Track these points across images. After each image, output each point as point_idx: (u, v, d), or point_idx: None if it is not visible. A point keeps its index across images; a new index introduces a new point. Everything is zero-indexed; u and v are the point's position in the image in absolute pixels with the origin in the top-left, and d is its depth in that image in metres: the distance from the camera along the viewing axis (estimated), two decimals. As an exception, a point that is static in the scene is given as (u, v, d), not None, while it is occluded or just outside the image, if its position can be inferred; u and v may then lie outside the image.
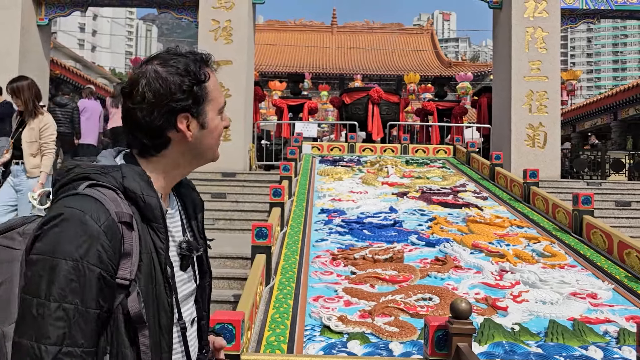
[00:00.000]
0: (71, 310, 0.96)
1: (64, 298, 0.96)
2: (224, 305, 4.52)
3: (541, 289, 3.88)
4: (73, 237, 0.99)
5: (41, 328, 0.95)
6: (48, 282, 0.97)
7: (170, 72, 1.14)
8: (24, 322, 0.97)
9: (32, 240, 1.02)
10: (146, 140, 1.16)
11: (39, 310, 0.96)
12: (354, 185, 7.25)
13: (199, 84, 1.17)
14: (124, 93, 1.16)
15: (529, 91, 10.56)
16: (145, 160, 1.18)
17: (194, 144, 1.19)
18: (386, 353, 2.97)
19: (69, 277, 0.97)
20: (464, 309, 2.23)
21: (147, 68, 1.15)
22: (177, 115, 1.15)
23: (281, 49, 37.39)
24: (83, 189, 1.07)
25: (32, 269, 0.99)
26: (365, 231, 5.27)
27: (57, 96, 10.29)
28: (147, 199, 1.10)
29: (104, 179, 1.09)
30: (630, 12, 11.28)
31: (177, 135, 1.16)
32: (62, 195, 1.07)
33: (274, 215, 5.03)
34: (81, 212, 1.02)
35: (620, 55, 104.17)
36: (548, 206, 6.04)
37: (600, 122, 22.55)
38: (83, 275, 0.98)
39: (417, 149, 9.99)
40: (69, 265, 0.98)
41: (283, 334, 3.16)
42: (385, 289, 3.93)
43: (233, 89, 10.56)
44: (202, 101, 1.18)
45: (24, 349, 0.95)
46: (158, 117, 1.13)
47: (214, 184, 9.37)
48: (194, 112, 1.17)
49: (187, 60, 1.17)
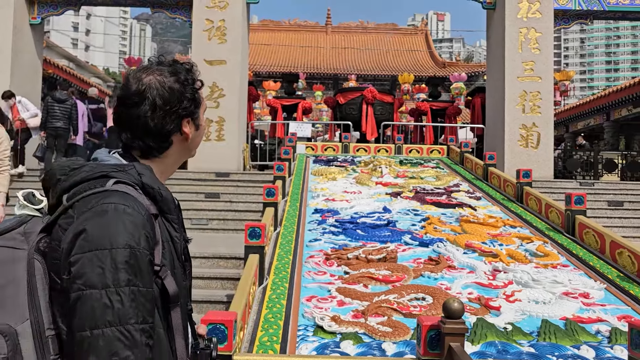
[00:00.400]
0: (137, 292, 1.06)
1: (131, 282, 1.06)
2: (217, 306, 4.51)
3: (534, 289, 3.90)
4: (124, 228, 1.08)
5: (120, 313, 1.04)
6: (113, 272, 1.05)
7: (175, 82, 1.28)
8: (94, 314, 1.03)
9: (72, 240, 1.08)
10: (153, 144, 1.28)
11: (111, 298, 1.04)
12: (348, 185, 7.25)
13: (197, 91, 1.32)
14: (129, 104, 1.26)
15: (523, 91, 10.60)
16: (148, 161, 1.29)
17: (189, 144, 1.34)
18: (379, 353, 2.97)
19: (130, 263, 1.06)
20: (457, 308, 2.23)
21: (150, 79, 1.26)
22: (182, 120, 1.29)
23: (275, 48, 37.34)
24: (112, 186, 1.15)
25: (89, 264, 1.05)
26: (359, 231, 5.27)
27: (55, 91, 10.21)
28: (164, 194, 1.22)
29: (125, 176, 1.18)
30: (622, 13, 11.34)
31: (178, 138, 1.31)
32: (89, 193, 1.14)
33: (267, 215, 5.02)
34: (124, 206, 1.11)
35: (613, 57, 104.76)
36: (541, 206, 6.07)
37: (593, 123, 22.67)
38: (141, 260, 1.09)
39: (411, 149, 10.00)
40: (127, 253, 1.07)
41: (276, 334, 3.15)
42: (378, 288, 3.92)
43: (227, 88, 10.54)
44: (199, 105, 1.33)
45: (109, 337, 1.02)
46: (169, 122, 1.27)
47: (207, 184, 9.35)
48: (194, 116, 1.32)
49: (182, 70, 1.31)
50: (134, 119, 1.26)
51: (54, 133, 9.70)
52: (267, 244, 4.46)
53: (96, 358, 1.02)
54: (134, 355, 1.03)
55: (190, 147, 1.36)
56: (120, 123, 1.29)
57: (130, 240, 1.08)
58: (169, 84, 1.27)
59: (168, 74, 1.28)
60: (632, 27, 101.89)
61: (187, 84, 1.30)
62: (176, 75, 1.29)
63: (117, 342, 1.02)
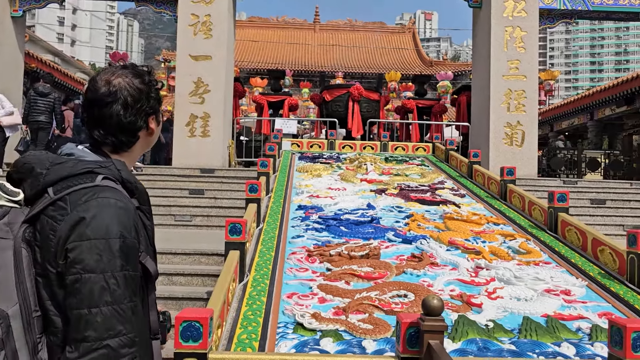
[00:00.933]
0: (128, 276, 1.24)
1: (124, 267, 1.23)
2: (197, 303, 4.44)
3: (516, 286, 3.88)
4: (118, 220, 1.25)
5: (116, 294, 1.21)
6: (109, 258, 1.22)
7: (141, 83, 1.45)
8: (92, 295, 1.19)
9: (70, 229, 1.22)
10: (125, 139, 1.43)
11: (109, 281, 1.21)
12: (333, 182, 7.21)
13: (159, 91, 1.52)
14: (102, 104, 1.40)
15: (508, 90, 10.65)
16: (118, 155, 1.44)
17: (151, 138, 1.53)
18: (359, 350, 2.93)
19: (123, 250, 1.24)
20: (436, 305, 2.20)
21: (120, 82, 1.42)
22: (148, 117, 1.48)
23: (263, 45, 37.17)
24: (101, 182, 1.30)
25: (87, 251, 1.21)
26: (342, 228, 5.23)
27: (38, 84, 10.02)
28: (139, 187, 1.40)
29: (109, 172, 1.33)
30: (606, 13, 11.44)
31: (144, 133, 1.49)
32: (80, 187, 1.27)
33: (249, 212, 4.96)
34: (116, 200, 1.28)
35: (597, 57, 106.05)
36: (524, 203, 6.08)
37: (577, 122, 22.88)
38: (131, 248, 1.26)
39: (396, 147, 9.99)
40: (121, 242, 1.24)
41: (255, 332, 3.10)
42: (360, 285, 3.89)
43: (212, 84, 10.45)
44: (161, 104, 1.54)
45: (106, 314, 1.19)
46: (139, 120, 1.45)
47: (192, 180, 9.27)
48: (157, 113, 1.52)
49: (145, 73, 1.49)
50: (107, 117, 1.40)
51: (36, 126, 9.54)
52: (248, 240, 4.40)
53: (94, 332, 1.18)
54: (126, 329, 1.21)
55: (150, 142, 1.54)
56: (92, 122, 1.42)
57: (123, 231, 1.25)
58: (136, 85, 1.44)
59: (133, 76, 1.45)
60: (616, 29, 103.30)
61: (151, 85, 1.48)
62: (141, 78, 1.46)
63: (113, 319, 1.19)
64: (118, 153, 1.45)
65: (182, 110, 10.42)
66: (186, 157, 10.25)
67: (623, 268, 4.16)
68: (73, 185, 1.28)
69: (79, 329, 1.18)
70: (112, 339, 1.19)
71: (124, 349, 1.20)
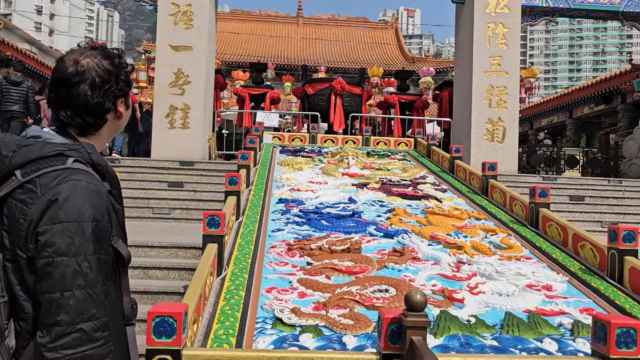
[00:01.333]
0: (101, 259, 1.22)
1: (96, 251, 1.21)
2: (174, 297, 4.33)
3: (497, 281, 3.86)
4: (90, 203, 1.22)
5: (89, 277, 1.19)
6: (82, 242, 1.19)
7: (110, 65, 1.41)
8: (64, 278, 1.17)
9: (41, 212, 1.19)
10: (92, 121, 1.39)
11: (81, 265, 1.19)
12: (314, 176, 7.13)
13: (129, 74, 1.47)
14: (70, 84, 1.36)
15: (489, 86, 10.66)
16: (85, 138, 1.40)
17: (120, 122, 1.48)
18: (339, 346, 2.86)
19: (96, 234, 1.21)
20: (419, 300, 2.13)
21: (88, 62, 1.38)
22: (117, 100, 1.44)
23: (245, 38, 36.81)
24: (72, 164, 1.26)
25: (59, 234, 1.18)
26: (323, 221, 5.15)
27: (6, 70, 9.69)
28: (110, 170, 1.37)
29: (79, 155, 1.30)
30: (587, 12, 11.52)
31: (112, 116, 1.44)
32: (51, 170, 1.23)
33: (228, 204, 4.85)
34: (89, 183, 1.25)
35: (576, 57, 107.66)
36: (505, 199, 6.07)
37: (557, 120, 23.14)
38: (104, 231, 1.24)
39: (378, 141, 9.94)
40: (94, 225, 1.22)
41: (232, 327, 3.00)
42: (341, 280, 3.82)
43: (193, 75, 10.25)
44: (130, 87, 1.49)
45: (79, 298, 1.17)
46: (107, 101, 1.40)
47: (171, 173, 9.09)
48: (126, 96, 1.48)
49: (115, 55, 1.45)
50: (75, 98, 1.36)
51: (9, 116, 9.26)
52: (227, 233, 4.30)
53: (66, 315, 1.15)
54: (99, 313, 1.19)
55: (119, 126, 1.49)
56: (58, 102, 1.38)
57: (96, 214, 1.22)
58: (105, 66, 1.40)
59: (102, 57, 1.41)
60: (594, 29, 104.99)
61: (121, 67, 1.44)
62: (110, 59, 1.42)
63: (86, 302, 1.17)
64: (85, 136, 1.40)
65: (162, 101, 10.21)
66: (165, 149, 10.05)
67: (604, 264, 4.16)
68: (43, 167, 1.24)
69: (50, 314, 1.16)
70: (85, 323, 1.17)
71: (97, 332, 1.18)
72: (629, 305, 3.61)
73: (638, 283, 3.77)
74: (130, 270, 4.66)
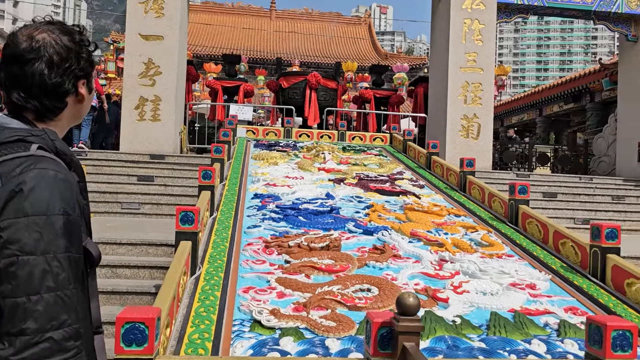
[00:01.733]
0: (72, 258, 1.09)
1: (67, 248, 1.07)
2: (144, 297, 4.10)
3: (481, 280, 3.77)
4: (60, 195, 1.08)
5: (60, 279, 1.05)
6: (52, 238, 1.05)
7: (70, 41, 1.24)
8: (32, 280, 1.02)
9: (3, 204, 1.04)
10: (49, 104, 1.22)
11: (51, 264, 1.04)
12: (290, 171, 6.95)
13: (91, 53, 1.31)
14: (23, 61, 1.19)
15: (465, 82, 10.66)
16: (43, 124, 1.23)
17: (82, 107, 1.31)
18: (322, 351, 2.70)
19: (67, 229, 1.08)
20: (412, 304, 1.99)
21: (44, 37, 1.21)
22: (78, 81, 1.27)
23: (218, 30, 36.22)
24: (36, 151, 1.12)
25: (25, 229, 1.03)
26: (301, 217, 4.99)
27: None
28: (76, 161, 1.22)
29: (41, 141, 1.15)
30: (560, 10, 11.61)
31: (73, 99, 1.27)
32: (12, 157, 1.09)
33: (202, 199, 4.64)
34: (56, 172, 1.10)
35: (544, 57, 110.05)
36: (484, 195, 6.02)
37: (527, 118, 23.47)
38: (75, 226, 1.11)
39: (354, 136, 9.82)
40: (65, 219, 1.08)
41: (208, 331, 2.82)
42: (321, 279, 3.67)
43: (164, 66, 9.93)
44: (93, 67, 1.33)
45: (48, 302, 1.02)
46: (66, 82, 1.23)
47: (141, 166, 8.80)
48: (89, 77, 1.30)
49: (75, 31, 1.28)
50: (29, 77, 1.20)
51: None
52: (201, 230, 4.10)
53: (34, 323, 1.01)
54: (71, 319, 1.05)
55: (81, 111, 1.33)
56: (10, 83, 1.21)
57: (66, 207, 1.09)
58: (64, 42, 1.24)
59: (60, 33, 1.25)
60: (561, 30, 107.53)
61: (82, 44, 1.28)
62: (70, 35, 1.26)
63: (57, 307, 1.03)
64: (43, 121, 1.24)
65: (131, 92, 9.86)
66: (135, 142, 9.73)
67: (585, 261, 4.12)
68: (2, 154, 1.10)
69: (14, 321, 1.01)
70: (55, 331, 1.03)
71: (69, 341, 1.05)
72: (612, 304, 3.56)
73: (621, 281, 3.74)
74: (98, 268, 4.40)
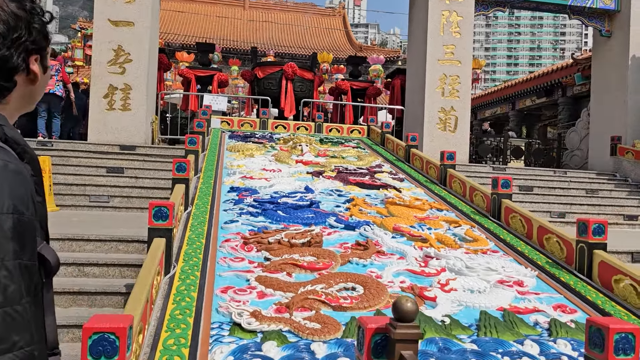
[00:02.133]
0: (24, 265, 0.92)
1: (18, 254, 0.91)
2: (114, 298, 3.86)
3: (468, 277, 3.66)
4: (9, 189, 0.92)
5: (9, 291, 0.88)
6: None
7: (19, 8, 1.05)
8: None
9: None
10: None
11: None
12: (267, 163, 6.75)
13: (45, 24, 1.10)
14: None
15: (443, 75, 10.58)
16: None
17: (34, 88, 1.11)
18: (308, 356, 2.54)
19: (18, 231, 0.91)
20: (410, 310, 1.84)
21: None
22: (30, 56, 1.07)
23: (190, 18, 35.46)
24: None
25: None
26: (280, 212, 4.80)
27: None
28: (30, 151, 1.04)
29: None
30: (537, 4, 11.64)
31: (23, 78, 1.07)
32: None
33: (176, 193, 4.41)
34: (6, 162, 0.94)
35: (514, 52, 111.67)
36: (465, 189, 5.93)
37: (500, 111, 23.69)
38: (28, 228, 0.94)
39: (331, 128, 9.65)
40: (15, 219, 0.91)
41: (184, 335, 2.62)
42: (303, 277, 3.50)
43: (134, 53, 9.55)
44: (48, 41, 1.12)
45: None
46: (15, 55, 1.03)
47: (110, 158, 8.45)
48: (42, 52, 1.11)
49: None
50: None
51: None
52: (176, 225, 3.87)
53: None
54: (23, 340, 0.89)
55: (33, 95, 1.12)
56: None
57: (18, 204, 0.92)
58: (12, 9, 1.04)
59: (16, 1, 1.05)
60: (531, 26, 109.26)
61: (34, 12, 1.08)
62: (18, 2, 1.06)
63: (5, 326, 0.86)
64: None
65: (100, 80, 9.46)
66: (104, 132, 9.35)
67: (571, 257, 4.05)
68: None
69: None
70: (3, 355, 0.88)
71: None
72: (600, 301, 3.50)
73: (608, 278, 3.68)
74: (63, 267, 4.14)
